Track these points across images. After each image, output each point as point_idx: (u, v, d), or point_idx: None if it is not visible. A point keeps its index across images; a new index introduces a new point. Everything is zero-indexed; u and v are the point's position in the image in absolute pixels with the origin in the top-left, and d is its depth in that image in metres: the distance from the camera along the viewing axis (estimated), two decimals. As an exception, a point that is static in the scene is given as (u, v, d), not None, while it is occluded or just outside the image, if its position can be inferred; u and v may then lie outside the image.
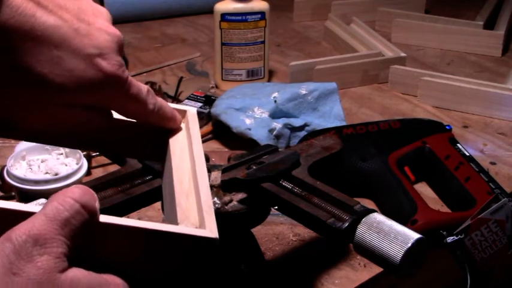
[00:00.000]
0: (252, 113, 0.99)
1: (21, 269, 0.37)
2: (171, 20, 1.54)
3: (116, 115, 0.53)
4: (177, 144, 0.56)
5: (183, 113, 0.58)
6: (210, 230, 0.44)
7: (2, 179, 0.87)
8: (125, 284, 0.42)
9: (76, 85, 0.46)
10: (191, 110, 0.59)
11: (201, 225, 0.46)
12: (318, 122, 1.02)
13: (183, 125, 0.58)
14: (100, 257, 0.42)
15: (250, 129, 0.98)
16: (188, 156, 0.55)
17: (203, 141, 1.04)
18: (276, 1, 1.31)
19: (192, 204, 0.49)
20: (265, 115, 0.99)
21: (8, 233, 0.38)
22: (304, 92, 1.03)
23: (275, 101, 1.00)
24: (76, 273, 0.39)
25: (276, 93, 1.02)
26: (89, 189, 0.41)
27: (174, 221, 0.47)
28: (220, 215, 0.67)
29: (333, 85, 1.05)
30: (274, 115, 1.00)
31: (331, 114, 1.04)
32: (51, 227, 0.38)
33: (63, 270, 0.38)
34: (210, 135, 1.06)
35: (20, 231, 0.38)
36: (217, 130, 1.06)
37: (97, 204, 0.41)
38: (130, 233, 0.42)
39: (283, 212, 0.71)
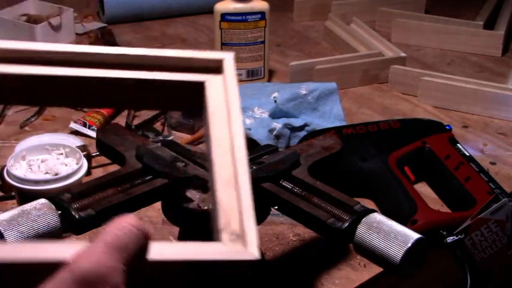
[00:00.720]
0: (252, 113, 0.99)
1: None
2: (171, 20, 1.54)
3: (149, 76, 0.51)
4: (215, 103, 0.51)
5: (219, 61, 0.52)
6: (252, 248, 0.43)
7: (2, 179, 0.87)
8: None
9: None
10: (227, 56, 0.52)
11: (241, 234, 0.44)
12: (318, 122, 1.01)
13: (219, 78, 0.52)
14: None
15: (250, 129, 0.98)
16: (226, 121, 0.49)
17: (203, 141, 1.05)
18: (276, 1, 1.31)
19: (232, 200, 0.46)
20: (265, 115, 0.99)
21: (70, 264, 0.38)
22: (304, 92, 1.03)
23: (275, 101, 1.00)
24: None
25: (276, 93, 1.02)
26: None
27: (216, 221, 0.45)
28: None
29: (333, 85, 1.05)
30: (274, 115, 1.00)
31: (331, 114, 1.04)
32: (110, 255, 0.39)
33: None
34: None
35: (80, 261, 0.38)
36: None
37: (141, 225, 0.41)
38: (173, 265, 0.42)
39: (283, 212, 0.71)
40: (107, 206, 0.65)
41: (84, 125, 1.04)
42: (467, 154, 0.94)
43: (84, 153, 0.89)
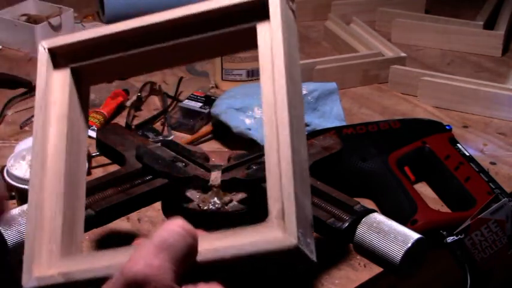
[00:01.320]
0: (252, 113, 0.99)
1: None
2: (171, 20, 1.54)
3: None
4: (263, 55, 0.50)
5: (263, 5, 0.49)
6: (291, 235, 0.42)
7: (2, 179, 0.87)
8: None
9: None
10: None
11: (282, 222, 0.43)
12: (318, 122, 1.01)
13: (266, 26, 0.49)
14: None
15: (250, 129, 0.98)
16: (271, 77, 0.48)
17: (203, 141, 1.05)
18: (276, 1, 1.31)
19: (276, 181, 0.44)
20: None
21: (122, 268, 0.40)
22: (304, 92, 1.02)
23: None
24: None
25: None
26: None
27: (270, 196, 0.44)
28: (221, 215, 0.67)
29: (333, 85, 1.05)
30: None
31: (331, 114, 1.04)
32: (158, 256, 0.41)
33: None
34: (210, 135, 1.06)
35: (131, 264, 0.40)
36: (217, 130, 1.06)
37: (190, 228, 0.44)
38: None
39: (283, 212, 0.71)
40: (106, 206, 0.65)
41: (84, 125, 1.04)
42: (467, 154, 0.94)
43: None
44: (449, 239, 0.78)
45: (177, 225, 0.43)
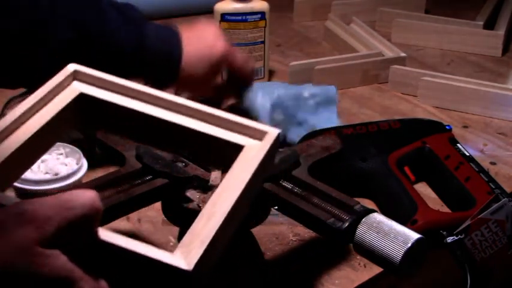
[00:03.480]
0: (255, 100, 0.99)
1: (10, 228, 0.41)
2: (171, 20, 1.54)
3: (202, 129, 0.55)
4: (241, 162, 0.53)
5: (263, 133, 0.54)
6: (187, 261, 0.44)
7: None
8: None
9: None
10: (272, 132, 0.55)
11: (190, 249, 0.45)
12: (313, 123, 1.01)
13: (258, 144, 0.54)
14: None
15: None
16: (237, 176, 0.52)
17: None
18: (276, 1, 1.31)
19: (204, 230, 0.47)
20: (268, 104, 0.98)
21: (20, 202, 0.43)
22: (306, 95, 1.02)
23: (277, 95, 1.00)
24: (56, 254, 0.42)
25: (280, 89, 1.02)
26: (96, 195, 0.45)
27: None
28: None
29: (333, 91, 1.04)
30: (276, 106, 1.00)
31: (326, 124, 1.03)
32: (55, 209, 0.42)
33: (45, 246, 0.42)
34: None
35: (27, 203, 0.43)
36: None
37: (100, 205, 0.44)
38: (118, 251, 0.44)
39: (283, 212, 0.71)
40: (106, 206, 0.65)
41: (84, 125, 1.04)
42: (467, 154, 0.94)
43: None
44: (449, 239, 0.78)
45: (87, 196, 0.44)
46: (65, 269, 0.43)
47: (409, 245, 0.60)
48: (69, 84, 0.57)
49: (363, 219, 0.63)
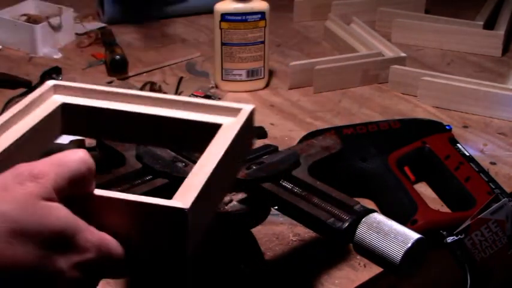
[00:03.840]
0: None
1: (11, 188, 0.43)
2: (171, 20, 1.54)
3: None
4: (221, 135, 0.56)
5: (238, 111, 0.57)
6: (183, 202, 0.45)
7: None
8: (116, 245, 0.46)
9: None
10: (246, 108, 0.58)
11: (183, 197, 0.47)
12: None
13: (234, 120, 0.57)
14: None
15: None
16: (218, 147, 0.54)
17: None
18: (276, 1, 1.31)
19: (195, 180, 0.49)
20: None
21: (15, 166, 0.44)
22: None
23: None
24: (59, 206, 0.44)
25: None
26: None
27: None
28: (220, 215, 0.67)
29: None
30: None
31: None
32: (49, 166, 0.44)
33: (47, 199, 0.43)
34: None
35: (22, 165, 0.44)
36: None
37: (91, 162, 0.47)
38: (115, 204, 0.46)
39: (283, 212, 0.71)
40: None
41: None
42: (467, 154, 0.94)
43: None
44: (449, 239, 0.78)
45: (77, 153, 0.46)
46: (70, 219, 0.44)
47: (409, 245, 0.60)
48: (50, 97, 0.58)
49: (363, 219, 0.63)
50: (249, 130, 0.58)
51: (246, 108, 0.57)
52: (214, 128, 0.56)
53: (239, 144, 0.55)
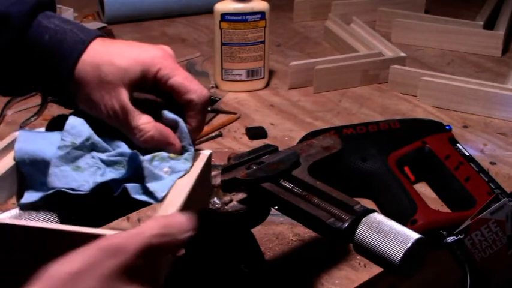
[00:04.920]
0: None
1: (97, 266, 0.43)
2: (171, 20, 1.54)
3: None
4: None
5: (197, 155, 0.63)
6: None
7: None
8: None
9: None
10: (204, 152, 0.63)
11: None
12: None
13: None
14: None
15: None
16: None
17: (203, 141, 1.05)
18: (276, 1, 1.31)
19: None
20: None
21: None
22: None
23: None
24: None
25: None
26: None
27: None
28: (220, 215, 0.67)
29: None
30: None
31: None
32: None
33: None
34: (210, 135, 1.06)
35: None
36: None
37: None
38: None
39: (283, 212, 0.71)
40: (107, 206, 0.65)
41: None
42: (467, 154, 0.94)
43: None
44: (449, 239, 0.78)
45: (187, 220, 0.47)
46: None
47: (409, 245, 0.60)
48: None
49: (363, 219, 0.63)
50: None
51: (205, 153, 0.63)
52: None
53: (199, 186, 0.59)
